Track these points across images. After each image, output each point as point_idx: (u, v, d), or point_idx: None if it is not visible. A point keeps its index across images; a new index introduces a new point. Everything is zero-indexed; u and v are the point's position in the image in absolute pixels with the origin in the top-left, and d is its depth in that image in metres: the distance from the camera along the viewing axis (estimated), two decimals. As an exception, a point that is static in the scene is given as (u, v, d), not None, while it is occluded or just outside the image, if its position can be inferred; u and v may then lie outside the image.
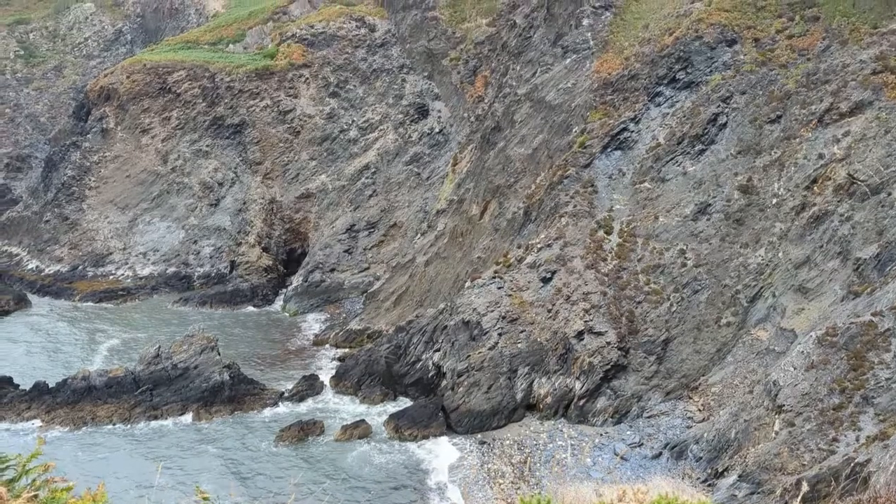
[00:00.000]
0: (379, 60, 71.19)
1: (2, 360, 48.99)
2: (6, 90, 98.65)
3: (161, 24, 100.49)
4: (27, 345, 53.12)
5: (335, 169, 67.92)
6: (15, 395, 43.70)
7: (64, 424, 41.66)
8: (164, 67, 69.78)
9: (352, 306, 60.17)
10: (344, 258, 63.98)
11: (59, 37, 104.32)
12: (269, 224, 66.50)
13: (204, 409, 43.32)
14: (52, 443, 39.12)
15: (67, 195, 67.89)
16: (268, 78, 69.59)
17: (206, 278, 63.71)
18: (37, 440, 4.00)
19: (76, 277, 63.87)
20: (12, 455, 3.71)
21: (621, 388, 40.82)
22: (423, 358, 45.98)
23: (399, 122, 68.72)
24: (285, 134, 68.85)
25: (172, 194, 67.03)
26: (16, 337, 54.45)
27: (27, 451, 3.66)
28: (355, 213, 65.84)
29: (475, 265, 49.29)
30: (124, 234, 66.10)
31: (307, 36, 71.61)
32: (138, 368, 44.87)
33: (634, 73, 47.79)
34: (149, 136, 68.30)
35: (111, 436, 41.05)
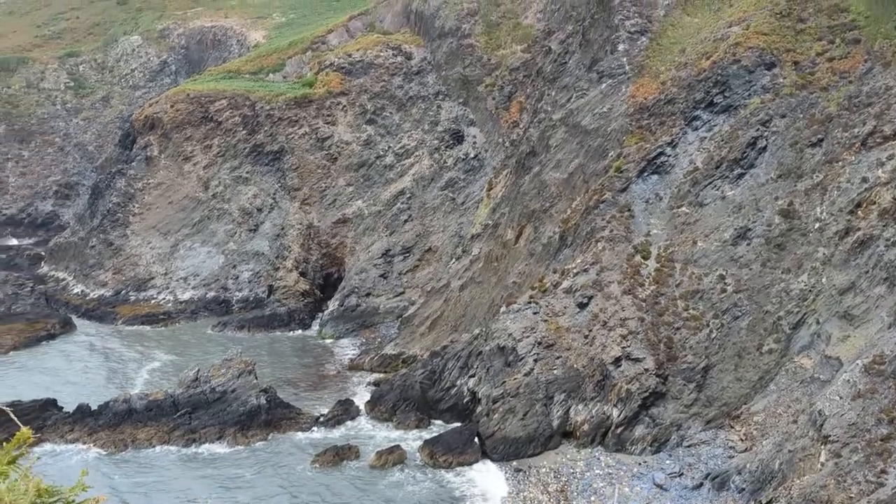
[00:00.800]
0: (415, 88, 72.05)
1: (47, 383, 50.03)
2: (56, 120, 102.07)
3: (204, 55, 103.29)
4: (71, 368, 54.21)
5: (371, 194, 68.58)
6: (59, 417, 44.48)
7: (105, 447, 42.22)
8: (206, 97, 71.56)
9: (387, 331, 60.28)
10: (379, 283, 64.28)
11: (107, 68, 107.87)
12: (306, 249, 67.25)
13: (241, 433, 43.57)
14: (94, 465, 39.67)
15: (112, 221, 69.61)
16: (306, 106, 70.87)
17: (244, 302, 64.53)
18: (80, 472, 4.00)
19: (119, 302, 65.21)
20: (64, 489, 3.71)
21: (660, 416, 40.02)
22: (457, 383, 45.74)
23: (434, 147, 69.27)
24: (323, 160, 69.86)
25: (213, 220, 68.30)
26: (61, 360, 55.63)
27: (71, 475, 3.65)
28: (391, 237, 66.25)
29: (510, 290, 49.08)
30: (166, 259, 67.41)
31: (345, 64, 72.89)
32: (178, 392, 45.40)
33: (671, 98, 47.54)
34: (191, 164, 69.87)
35: (150, 459, 41.49)
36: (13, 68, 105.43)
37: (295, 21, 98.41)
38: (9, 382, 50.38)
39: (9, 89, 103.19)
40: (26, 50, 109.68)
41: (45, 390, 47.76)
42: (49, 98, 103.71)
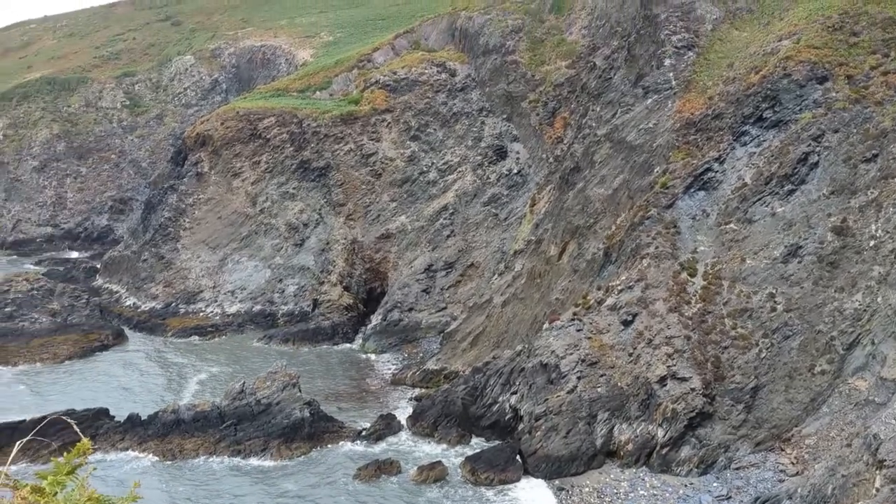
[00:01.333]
0: (459, 104, 72.52)
1: (100, 393, 51.40)
2: (113, 138, 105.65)
3: (254, 74, 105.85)
4: (123, 378, 55.62)
5: (414, 210, 69.06)
6: (110, 426, 45.57)
7: (154, 455, 43.06)
8: (255, 114, 73.23)
9: (429, 346, 60.36)
10: (422, 298, 64.51)
11: (161, 87, 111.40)
12: (350, 264, 67.99)
13: (285, 445, 43.99)
14: (143, 474, 40.47)
15: (164, 235, 71.50)
16: (352, 123, 71.92)
17: (289, 316, 65.44)
18: (133, 484, 4.09)
19: (169, 314, 66.78)
20: (116, 499, 3.77)
21: (707, 437, 39.09)
22: (499, 400, 45.47)
23: (477, 163, 69.49)
24: (367, 176, 70.70)
25: (260, 235, 69.60)
26: (113, 370, 57.14)
27: (121, 484, 3.72)
28: (433, 253, 66.52)
29: (553, 307, 48.72)
30: (214, 273, 68.87)
31: (390, 82, 73.82)
32: (224, 403, 46.13)
33: (719, 113, 46.84)
34: (239, 180, 71.43)
35: (197, 469, 42.18)
36: (73, 88, 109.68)
37: (342, 40, 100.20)
38: (64, 391, 51.94)
39: (69, 108, 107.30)
40: (86, 70, 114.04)
41: (98, 400, 49.04)
42: (106, 116, 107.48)
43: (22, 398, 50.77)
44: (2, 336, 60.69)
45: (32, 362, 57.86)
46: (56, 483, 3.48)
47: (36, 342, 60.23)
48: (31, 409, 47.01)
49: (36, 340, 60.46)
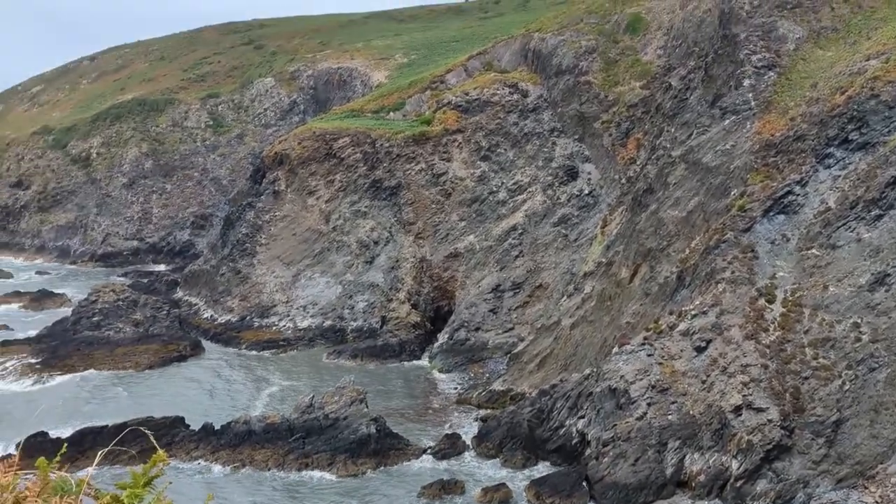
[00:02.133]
0: (530, 124, 72.50)
1: (177, 401, 53.23)
2: (196, 156, 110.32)
3: (330, 95, 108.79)
4: (199, 388, 57.50)
5: (483, 229, 69.18)
6: (185, 434, 47.06)
7: (226, 465, 44.16)
8: (330, 134, 75.17)
9: (495, 366, 60.05)
10: (489, 318, 64.35)
11: (242, 108, 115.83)
12: (418, 282, 68.56)
13: (351, 461, 44.43)
14: (215, 483, 41.58)
15: (241, 251, 73.91)
16: (423, 143, 72.88)
17: (358, 332, 66.40)
18: (207, 496, 4.21)
19: (244, 327, 68.81)
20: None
21: (785, 471, 37.35)
22: (566, 424, 44.75)
23: (548, 183, 69.15)
24: (437, 196, 71.36)
25: (332, 251, 71.09)
26: (190, 381, 59.16)
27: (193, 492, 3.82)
28: (501, 273, 66.36)
29: (623, 330, 47.76)
30: (288, 288, 70.65)
31: (462, 102, 74.53)
32: (293, 416, 47.03)
33: (801, 134, 45.24)
34: (314, 198, 73.29)
35: (266, 481, 43.02)
36: (162, 109, 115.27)
37: (416, 61, 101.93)
38: (143, 399, 54.07)
39: (157, 128, 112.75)
40: (173, 92, 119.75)
41: (175, 408, 50.76)
42: (191, 136, 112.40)
43: (105, 404, 53.16)
44: (89, 344, 63.76)
45: (116, 370, 60.50)
46: (134, 496, 3.58)
47: (120, 350, 63.00)
48: (112, 414, 49.14)
49: (120, 349, 63.25)
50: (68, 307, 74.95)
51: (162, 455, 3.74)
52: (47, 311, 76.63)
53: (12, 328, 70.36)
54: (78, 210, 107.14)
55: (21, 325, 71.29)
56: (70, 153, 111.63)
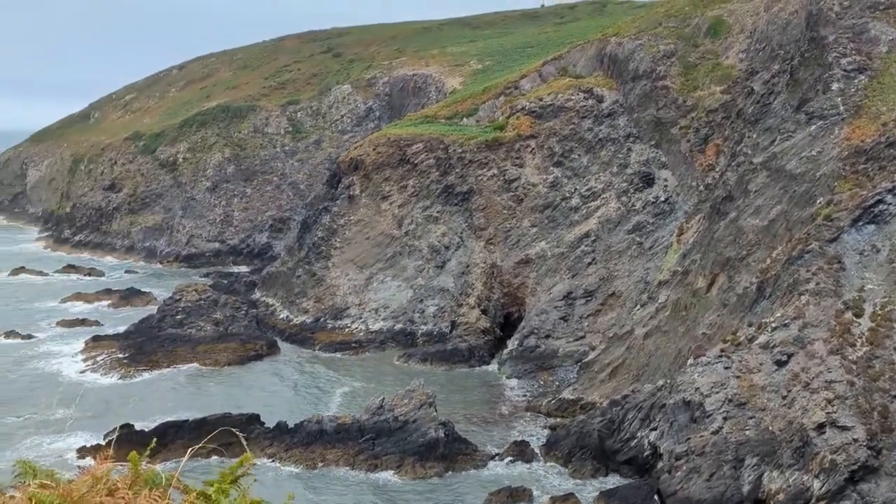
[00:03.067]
0: (605, 130, 71.49)
1: (253, 399, 54.90)
2: (276, 161, 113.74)
3: (405, 101, 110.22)
4: (274, 387, 59.18)
5: (555, 236, 68.58)
6: (260, 431, 48.43)
7: (298, 464, 45.18)
8: (404, 140, 76.16)
9: (565, 374, 59.37)
10: (559, 325, 63.68)
11: (320, 115, 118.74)
12: (488, 287, 68.53)
13: (419, 464, 44.73)
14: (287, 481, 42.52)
15: (316, 254, 75.70)
16: (496, 148, 72.90)
17: (428, 336, 66.90)
18: (287, 496, 4.21)
19: (318, 328, 70.41)
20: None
21: (871, 494, 35.44)
22: (638, 435, 43.81)
23: (623, 190, 67.96)
24: (509, 201, 71.20)
25: (404, 256, 71.93)
26: (265, 379, 60.95)
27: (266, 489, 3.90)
28: (573, 280, 65.57)
29: (699, 341, 46.41)
30: (360, 291, 71.90)
31: (536, 108, 74.19)
32: (363, 418, 47.75)
33: (893, 140, 42.98)
34: (387, 203, 74.38)
35: (337, 480, 43.80)
36: (244, 115, 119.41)
37: (490, 67, 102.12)
38: (221, 396, 56.00)
39: (239, 134, 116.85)
40: (255, 99, 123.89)
41: (251, 405, 52.36)
42: (271, 141, 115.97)
43: (186, 400, 55.33)
44: (172, 341, 66.55)
45: (198, 366, 62.91)
46: (221, 491, 3.71)
47: (201, 348, 65.47)
48: (192, 410, 51.11)
49: (201, 346, 65.73)
50: (154, 305, 78.43)
51: (249, 456, 3.86)
52: (135, 308, 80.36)
53: (103, 324, 74.13)
54: (164, 212, 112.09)
55: (111, 322, 75.07)
56: (158, 158, 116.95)
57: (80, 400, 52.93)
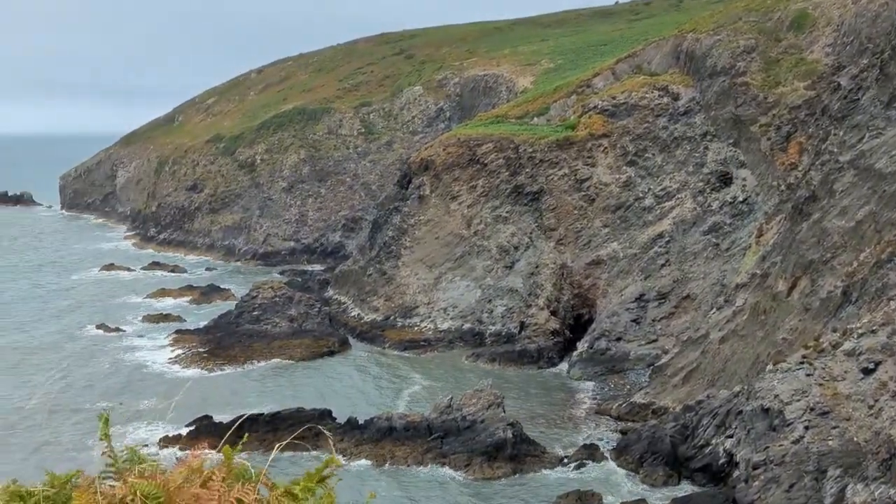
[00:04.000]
0: (680, 128, 69.73)
1: (325, 395, 56.16)
2: (349, 162, 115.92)
3: (476, 102, 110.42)
4: (345, 383, 60.34)
5: (627, 237, 67.32)
6: (332, 426, 49.43)
7: (368, 459, 45.91)
8: (474, 140, 76.31)
9: (636, 378, 58.24)
10: (631, 328, 62.48)
11: (392, 116, 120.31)
12: (558, 288, 67.88)
13: (487, 464, 44.74)
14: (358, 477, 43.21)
15: (387, 253, 76.75)
16: (567, 148, 72.16)
17: (496, 336, 66.82)
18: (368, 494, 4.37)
19: (387, 326, 71.39)
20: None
21: (967, 514, 33.32)
22: (712, 442, 42.54)
23: (699, 190, 66.11)
24: (580, 201, 70.35)
25: (473, 256, 72.07)
26: (337, 375, 62.23)
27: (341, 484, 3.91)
28: (646, 282, 64.21)
29: (779, 347, 44.69)
30: (429, 290, 72.46)
31: (608, 107, 73.07)
32: (432, 416, 48.13)
33: None
34: (457, 203, 74.69)
35: (406, 476, 44.30)
36: (319, 117, 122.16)
37: (562, 66, 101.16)
38: (294, 391, 57.51)
39: (314, 135, 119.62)
40: (329, 101, 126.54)
41: (323, 401, 53.57)
42: (344, 143, 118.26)
43: (262, 393, 57.09)
44: (249, 336, 68.76)
45: (272, 362, 64.78)
46: (307, 489, 3.75)
47: (276, 344, 67.40)
48: (267, 403, 52.68)
49: (276, 342, 67.67)
50: (232, 301, 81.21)
51: (334, 459, 3.92)
52: (214, 304, 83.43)
53: (185, 319, 77.27)
54: (243, 212, 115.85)
55: (192, 317, 78.18)
56: (237, 159, 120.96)
57: (163, 391, 55.36)
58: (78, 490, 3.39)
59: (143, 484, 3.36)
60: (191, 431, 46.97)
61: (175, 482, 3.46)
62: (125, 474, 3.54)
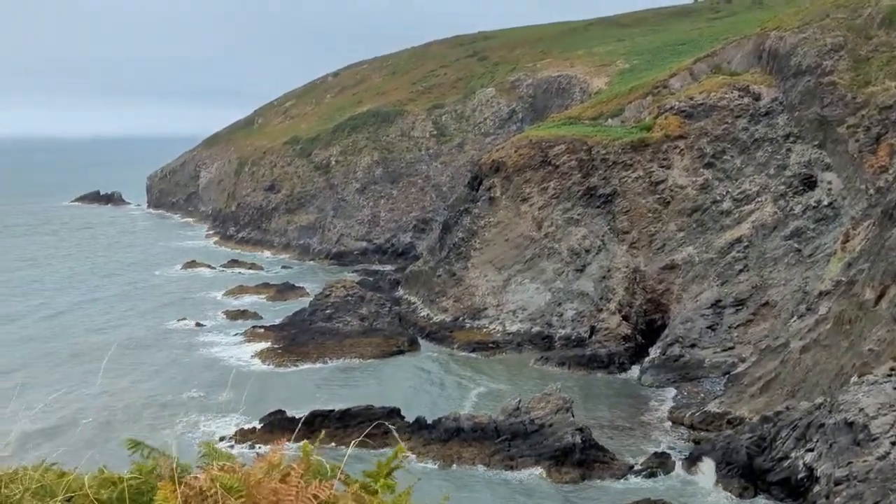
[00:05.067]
0: (762, 130, 67.35)
1: (394, 393, 56.79)
2: (420, 164, 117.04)
3: (548, 103, 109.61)
4: (414, 382, 60.91)
5: (703, 241, 65.43)
6: (400, 425, 49.94)
7: (435, 459, 46.19)
8: (546, 142, 75.76)
9: (711, 386, 56.52)
10: (706, 335, 60.69)
11: (464, 118, 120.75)
12: (630, 293, 66.60)
13: (555, 468, 44.33)
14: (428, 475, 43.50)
15: (456, 254, 77.05)
16: (642, 150, 70.77)
17: (566, 340, 66.10)
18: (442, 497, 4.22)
19: (456, 327, 71.65)
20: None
21: None
22: (792, 456, 40.91)
23: (780, 193, 63.65)
24: (654, 204, 68.84)
25: (543, 258, 71.55)
26: (406, 374, 62.88)
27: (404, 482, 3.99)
28: (722, 287, 62.24)
29: (865, 358, 42.57)
30: (498, 292, 72.35)
31: (685, 108, 71.27)
32: (500, 418, 48.02)
33: None
34: (527, 205, 74.31)
35: (473, 477, 44.34)
36: (392, 120, 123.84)
37: (637, 67, 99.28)
38: (365, 389, 58.43)
39: (387, 137, 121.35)
40: (403, 104, 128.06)
41: (391, 399, 54.17)
42: (416, 145, 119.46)
43: (332, 390, 58.27)
44: (322, 334, 70.32)
45: (344, 359, 66.07)
46: (387, 486, 3.86)
47: (347, 342, 68.68)
48: (338, 400, 53.73)
49: (347, 340, 68.96)
50: (306, 299, 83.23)
51: (402, 448, 3.97)
52: (289, 301, 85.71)
53: (261, 316, 79.67)
54: (317, 212, 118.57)
55: (268, 314, 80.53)
56: (313, 161, 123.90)
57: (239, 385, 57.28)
58: (163, 481, 3.51)
59: (224, 477, 3.43)
60: (265, 425, 48.39)
61: (255, 476, 3.53)
62: (207, 468, 3.64)
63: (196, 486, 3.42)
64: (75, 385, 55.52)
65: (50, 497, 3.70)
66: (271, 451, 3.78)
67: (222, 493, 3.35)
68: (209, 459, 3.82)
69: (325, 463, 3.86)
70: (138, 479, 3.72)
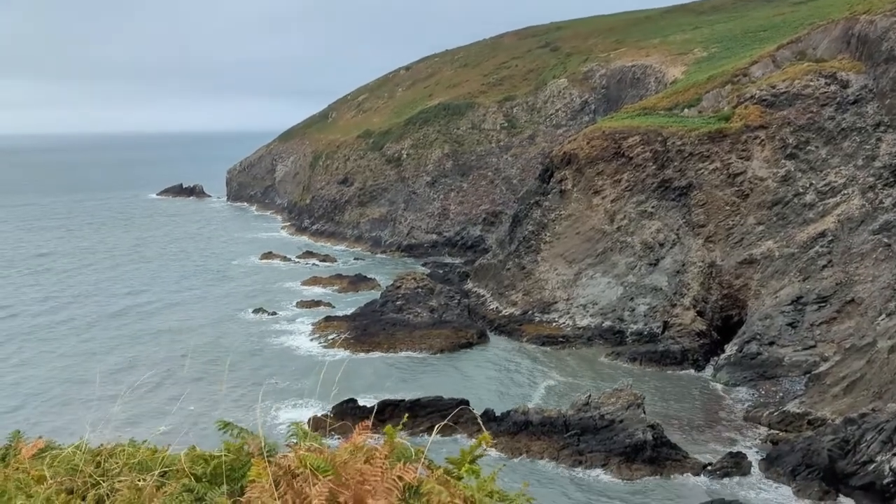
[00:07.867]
0: (849, 118, 64.21)
1: (463, 385, 57.17)
2: (490, 157, 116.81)
3: (622, 94, 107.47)
4: (483, 375, 61.08)
5: (784, 235, 62.96)
6: (469, 417, 50.23)
7: (503, 451, 46.27)
8: (620, 133, 74.36)
9: (790, 386, 54.47)
10: (786, 332, 58.46)
11: (535, 110, 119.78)
12: (706, 288, 64.78)
13: (625, 465, 43.75)
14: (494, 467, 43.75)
15: (526, 247, 76.67)
16: (720, 140, 68.61)
17: (638, 335, 64.89)
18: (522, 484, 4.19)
19: (525, 321, 71.37)
20: (513, 494, 4.11)
21: None
22: (877, 459, 39.12)
23: (869, 185, 60.59)
24: (732, 197, 66.65)
25: (615, 252, 70.38)
26: (475, 366, 63.12)
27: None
28: (804, 283, 59.78)
29: (960, 360, 40.20)
30: (569, 286, 71.63)
31: (767, 96, 68.65)
32: (569, 413, 47.69)
33: None
34: (599, 197, 73.21)
35: (542, 471, 44.22)
36: (463, 112, 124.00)
37: (716, 55, 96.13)
38: (434, 380, 58.99)
39: (458, 130, 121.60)
40: (474, 96, 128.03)
41: (460, 391, 54.58)
42: (487, 137, 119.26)
43: (402, 380, 59.12)
44: (392, 325, 71.34)
45: (413, 350, 66.86)
46: (472, 472, 3.92)
47: (417, 333, 69.44)
48: (407, 390, 54.50)
49: (417, 332, 69.72)
50: (378, 291, 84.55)
51: (487, 437, 4.01)
52: (361, 293, 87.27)
53: (334, 306, 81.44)
54: (389, 205, 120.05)
55: (341, 304, 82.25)
56: (385, 154, 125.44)
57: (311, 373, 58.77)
58: (256, 458, 3.67)
59: (312, 457, 3.57)
60: (336, 414, 49.53)
61: (342, 457, 3.67)
62: (295, 448, 3.78)
63: (285, 465, 3.57)
64: (163, 372, 58.42)
65: (146, 472, 3.96)
66: (356, 433, 3.90)
67: (311, 471, 3.47)
68: (298, 440, 3.95)
69: (409, 447, 3.96)
70: (230, 457, 3.93)
